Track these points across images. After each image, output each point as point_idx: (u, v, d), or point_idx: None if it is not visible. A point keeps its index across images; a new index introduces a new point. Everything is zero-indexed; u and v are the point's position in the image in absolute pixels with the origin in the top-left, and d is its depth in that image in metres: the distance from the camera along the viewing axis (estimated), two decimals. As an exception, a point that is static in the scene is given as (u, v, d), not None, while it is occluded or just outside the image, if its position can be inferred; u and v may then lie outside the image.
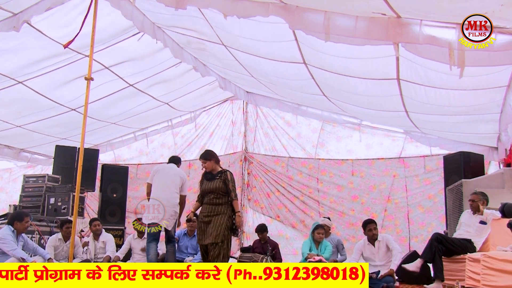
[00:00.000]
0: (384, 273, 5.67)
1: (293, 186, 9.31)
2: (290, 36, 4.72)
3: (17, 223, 5.38)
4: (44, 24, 5.17)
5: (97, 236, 6.74)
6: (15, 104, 6.92)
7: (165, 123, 9.56)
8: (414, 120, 6.40)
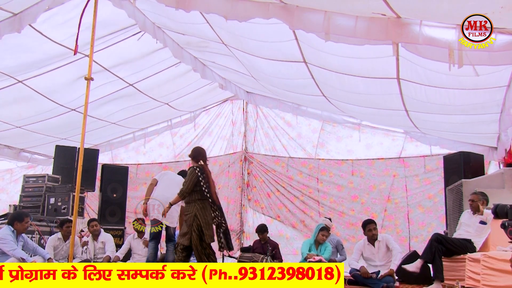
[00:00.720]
0: (384, 273, 5.68)
1: (293, 186, 9.32)
2: (290, 35, 4.72)
3: (17, 223, 5.38)
4: (44, 24, 5.17)
5: (96, 237, 6.74)
6: (15, 104, 6.91)
7: (164, 123, 9.56)
8: (414, 119, 6.40)
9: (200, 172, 4.96)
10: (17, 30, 4.73)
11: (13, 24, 4.73)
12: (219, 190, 9.88)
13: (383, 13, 3.38)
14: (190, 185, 4.92)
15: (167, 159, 9.95)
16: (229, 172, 9.93)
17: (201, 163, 5.12)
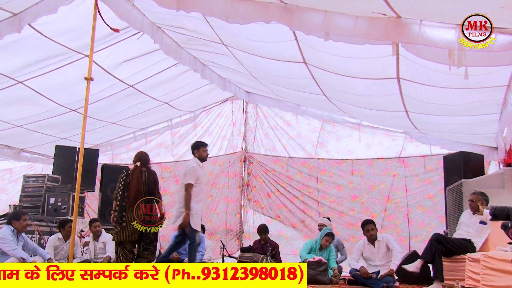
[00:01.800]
0: (384, 273, 5.68)
1: (293, 186, 9.32)
2: (290, 36, 4.72)
3: (15, 222, 5.38)
4: (44, 24, 5.17)
5: (97, 237, 6.73)
6: (15, 104, 6.91)
7: (165, 123, 9.56)
8: (414, 121, 6.40)
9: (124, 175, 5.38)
10: (17, 30, 4.73)
11: (13, 24, 4.73)
12: (219, 190, 9.89)
13: (383, 13, 3.38)
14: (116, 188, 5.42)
15: (165, 159, 9.95)
16: (229, 172, 9.93)
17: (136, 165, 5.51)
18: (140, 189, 5.31)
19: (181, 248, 6.76)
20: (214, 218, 9.72)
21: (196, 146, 5.74)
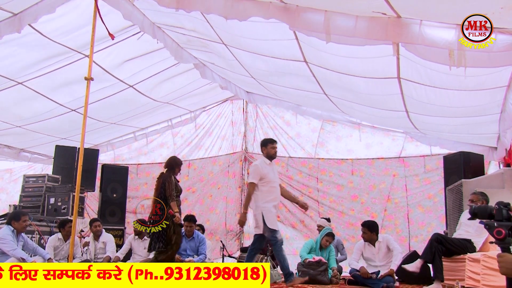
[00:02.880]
0: (384, 273, 5.68)
1: (293, 186, 9.31)
2: (291, 35, 4.72)
3: (14, 222, 5.38)
4: (44, 24, 5.16)
5: (97, 237, 6.74)
6: (15, 104, 6.91)
7: (165, 123, 9.56)
8: (414, 121, 6.40)
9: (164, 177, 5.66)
10: (17, 30, 4.72)
11: (13, 24, 4.72)
12: (218, 190, 9.89)
13: (384, 12, 3.38)
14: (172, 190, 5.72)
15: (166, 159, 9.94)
16: (228, 172, 9.93)
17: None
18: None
19: (181, 249, 6.77)
20: (213, 218, 9.71)
21: (264, 144, 5.50)
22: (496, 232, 1.93)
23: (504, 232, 1.93)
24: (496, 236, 1.94)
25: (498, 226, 1.94)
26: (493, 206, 2.02)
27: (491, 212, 2.01)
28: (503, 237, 1.93)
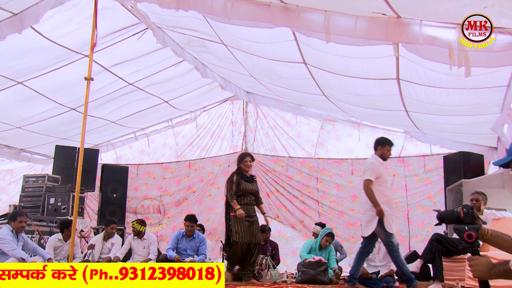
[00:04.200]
0: (384, 273, 5.68)
1: (293, 186, 9.32)
2: (290, 36, 4.72)
3: (11, 222, 5.38)
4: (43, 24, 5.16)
5: (107, 237, 6.74)
6: (15, 104, 6.91)
7: (165, 123, 9.57)
8: (414, 120, 6.40)
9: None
10: (18, 31, 4.72)
11: (14, 25, 4.72)
12: (218, 190, 9.90)
13: (383, 13, 3.38)
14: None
15: (169, 159, 9.97)
16: (228, 172, 9.91)
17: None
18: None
19: (181, 248, 6.77)
20: (213, 218, 9.71)
21: (382, 143, 5.10)
22: (467, 236, 1.93)
23: (475, 235, 1.92)
24: (467, 239, 1.93)
25: (469, 229, 1.94)
26: (459, 210, 2.02)
27: (459, 216, 2.01)
28: (474, 240, 1.93)
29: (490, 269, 1.83)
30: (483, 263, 1.86)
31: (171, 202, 9.63)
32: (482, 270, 1.85)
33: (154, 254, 6.88)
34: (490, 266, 1.84)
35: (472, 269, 1.88)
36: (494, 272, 1.82)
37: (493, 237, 1.96)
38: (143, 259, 6.75)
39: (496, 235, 1.98)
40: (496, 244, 2.00)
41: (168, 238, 8.74)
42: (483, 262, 1.86)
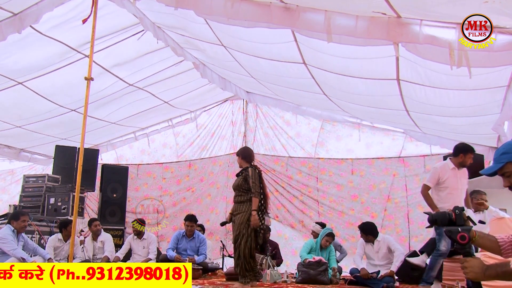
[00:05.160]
0: (384, 273, 5.68)
1: (293, 186, 9.31)
2: (290, 37, 4.72)
3: (13, 222, 5.38)
4: (44, 24, 5.16)
5: (95, 236, 6.74)
6: (15, 105, 6.91)
7: (165, 123, 9.57)
8: (414, 118, 6.41)
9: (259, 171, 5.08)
10: (18, 31, 4.72)
11: (14, 25, 4.72)
12: (218, 190, 9.90)
13: (384, 12, 3.38)
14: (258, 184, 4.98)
15: (169, 159, 9.97)
16: (228, 172, 9.93)
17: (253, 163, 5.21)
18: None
19: (181, 249, 6.77)
20: (213, 218, 9.71)
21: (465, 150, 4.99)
22: (460, 237, 1.93)
23: (468, 237, 1.93)
24: (460, 241, 1.93)
25: (462, 231, 1.93)
26: (450, 212, 2.02)
27: (451, 218, 2.01)
28: (466, 242, 1.93)
29: (484, 271, 1.83)
30: (477, 264, 1.86)
31: (171, 202, 9.63)
32: (477, 272, 1.85)
33: (154, 254, 6.88)
34: (484, 267, 1.85)
35: (466, 271, 1.88)
36: (490, 274, 1.82)
37: (480, 238, 1.98)
38: (143, 259, 6.75)
39: (482, 236, 2.00)
40: (482, 245, 2.02)
41: (168, 238, 8.74)
42: (477, 263, 1.86)
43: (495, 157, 2.08)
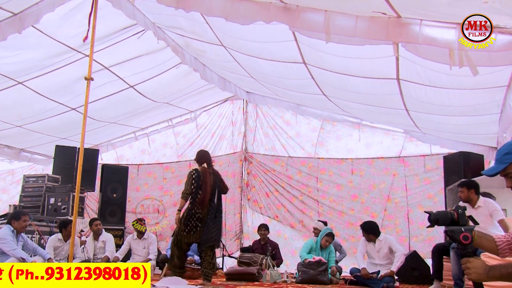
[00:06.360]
0: (384, 273, 5.68)
1: (293, 186, 9.32)
2: (290, 36, 4.72)
3: (14, 222, 5.38)
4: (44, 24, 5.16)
5: (97, 236, 6.74)
6: (15, 105, 6.91)
7: (165, 123, 9.57)
8: (414, 119, 6.41)
9: (196, 175, 5.17)
10: (18, 31, 4.72)
11: (14, 25, 4.72)
12: (217, 189, 9.90)
13: (383, 12, 3.38)
14: (188, 186, 5.17)
15: (170, 159, 9.97)
16: (228, 172, 9.93)
17: (204, 166, 5.30)
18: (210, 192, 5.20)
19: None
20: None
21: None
22: (463, 237, 1.89)
23: (470, 237, 1.89)
24: (463, 241, 1.89)
25: (465, 231, 1.91)
26: (452, 212, 1.99)
27: (453, 217, 1.97)
28: (469, 242, 1.90)
29: (488, 271, 1.79)
30: (480, 265, 1.82)
31: (171, 202, 9.62)
32: (480, 273, 1.81)
33: (154, 254, 6.88)
34: (487, 268, 1.81)
35: (469, 271, 1.83)
36: (493, 275, 1.78)
37: (478, 238, 1.95)
38: (143, 259, 6.75)
39: (481, 236, 1.97)
40: (480, 245, 1.97)
41: (167, 237, 8.75)
42: (480, 264, 1.82)
43: (498, 158, 2.03)
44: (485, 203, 4.74)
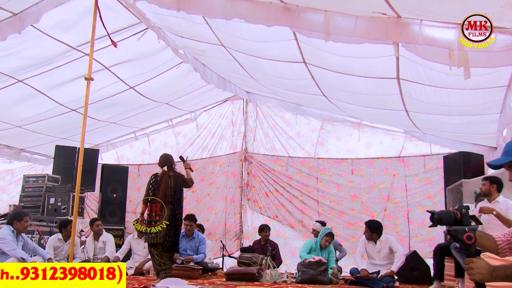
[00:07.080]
0: (384, 273, 5.68)
1: (293, 186, 9.31)
2: (290, 35, 4.72)
3: (16, 222, 5.38)
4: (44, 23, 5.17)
5: (97, 236, 6.74)
6: (15, 103, 6.91)
7: (165, 123, 9.57)
8: (414, 120, 6.41)
9: (153, 180, 5.41)
10: (18, 31, 4.73)
11: (14, 25, 4.72)
12: (217, 189, 9.90)
13: (383, 12, 3.38)
14: (146, 192, 5.42)
15: (168, 159, 9.95)
16: (228, 172, 9.93)
17: (164, 169, 5.56)
18: (167, 194, 5.37)
19: (181, 249, 6.76)
20: (212, 217, 9.71)
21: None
22: (467, 237, 1.86)
23: (474, 236, 1.86)
24: (466, 241, 1.86)
25: (469, 230, 1.87)
26: (455, 211, 1.96)
27: (456, 217, 1.94)
28: (473, 242, 1.86)
29: (491, 272, 1.77)
30: (484, 265, 1.79)
31: (170, 202, 9.61)
32: (483, 273, 1.78)
33: (155, 254, 6.87)
34: (491, 268, 1.78)
35: (472, 272, 1.80)
36: (497, 275, 1.76)
37: (479, 237, 1.92)
38: (144, 259, 6.75)
39: (481, 235, 1.94)
40: (481, 244, 1.95)
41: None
42: (483, 264, 1.79)
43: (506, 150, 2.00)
44: (504, 201, 4.76)
